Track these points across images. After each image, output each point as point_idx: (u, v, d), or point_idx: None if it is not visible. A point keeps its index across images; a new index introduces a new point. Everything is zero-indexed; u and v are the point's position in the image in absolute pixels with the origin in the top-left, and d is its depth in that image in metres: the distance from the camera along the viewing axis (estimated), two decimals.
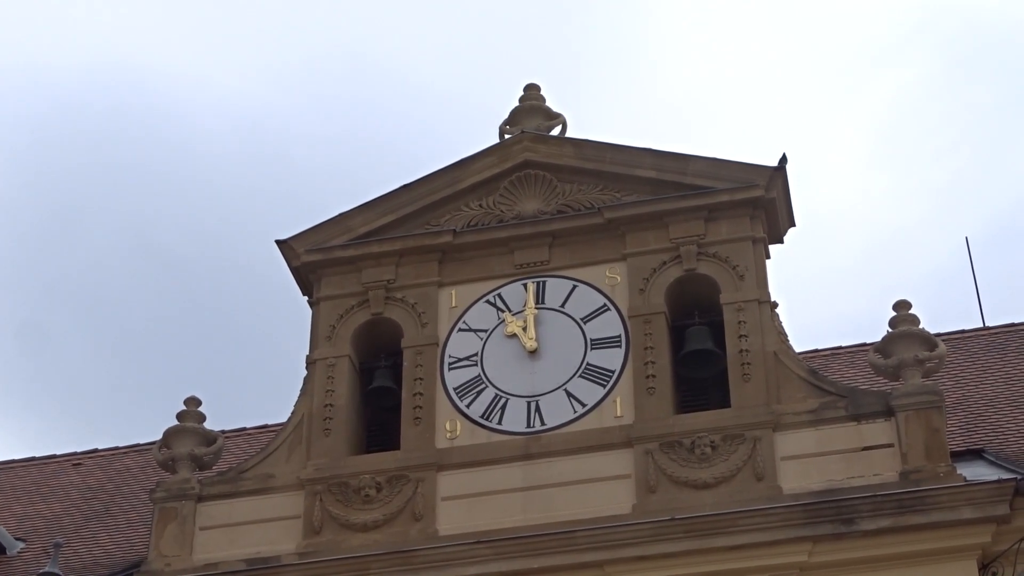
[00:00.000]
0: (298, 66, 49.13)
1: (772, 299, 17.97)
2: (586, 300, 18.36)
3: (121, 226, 45.03)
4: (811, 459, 16.79)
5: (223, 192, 46.11)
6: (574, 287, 18.47)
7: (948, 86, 48.57)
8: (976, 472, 16.78)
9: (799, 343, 18.43)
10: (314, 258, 19.08)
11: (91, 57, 47.21)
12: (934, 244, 45.07)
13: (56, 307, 44.83)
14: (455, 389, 18.12)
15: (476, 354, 18.32)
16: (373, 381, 18.74)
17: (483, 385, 18.09)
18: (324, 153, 47.40)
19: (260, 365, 42.12)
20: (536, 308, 18.39)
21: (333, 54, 48.68)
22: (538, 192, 19.06)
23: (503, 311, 18.49)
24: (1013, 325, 22.23)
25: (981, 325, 22.73)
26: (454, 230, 18.91)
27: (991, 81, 47.75)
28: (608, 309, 18.24)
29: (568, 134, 19.60)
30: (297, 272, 19.28)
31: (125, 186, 45.44)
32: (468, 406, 17.99)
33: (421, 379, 18.20)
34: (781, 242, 18.96)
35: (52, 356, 44.77)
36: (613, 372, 17.81)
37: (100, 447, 24.40)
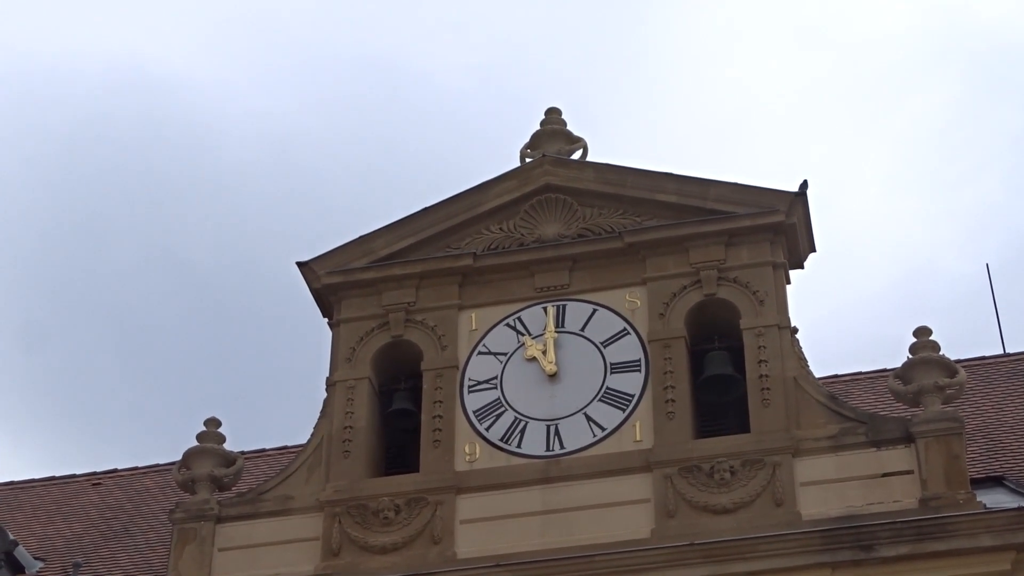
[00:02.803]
0: (323, 87, 49.35)
1: (792, 324, 17.97)
2: (606, 324, 18.36)
3: (145, 244, 45.20)
4: (830, 485, 16.76)
5: (247, 210, 46.23)
6: (594, 311, 18.48)
7: (973, 111, 48.55)
8: (996, 499, 16.75)
9: (819, 368, 18.45)
10: (335, 280, 19.11)
11: (118, 69, 47.37)
12: (955, 270, 44.99)
13: (77, 325, 44.98)
14: (474, 412, 18.13)
15: (496, 377, 18.33)
16: (392, 403, 18.75)
17: (502, 408, 18.10)
18: (346, 174, 47.51)
19: (280, 386, 42.14)
20: (556, 332, 18.40)
21: (357, 76, 48.91)
22: (559, 216, 19.08)
23: (523, 334, 18.50)
24: None
25: (1001, 352, 22.69)
26: (474, 253, 18.94)
27: (1017, 106, 47.70)
28: (628, 333, 18.24)
29: (589, 158, 19.62)
30: (318, 294, 19.31)
31: (150, 202, 45.61)
32: (487, 429, 17.99)
33: (440, 402, 18.22)
34: (801, 267, 18.95)
35: (72, 375, 44.92)
36: (633, 396, 17.81)
37: (120, 467, 24.45)
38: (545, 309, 18.61)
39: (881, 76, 49.61)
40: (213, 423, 18.77)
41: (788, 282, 18.47)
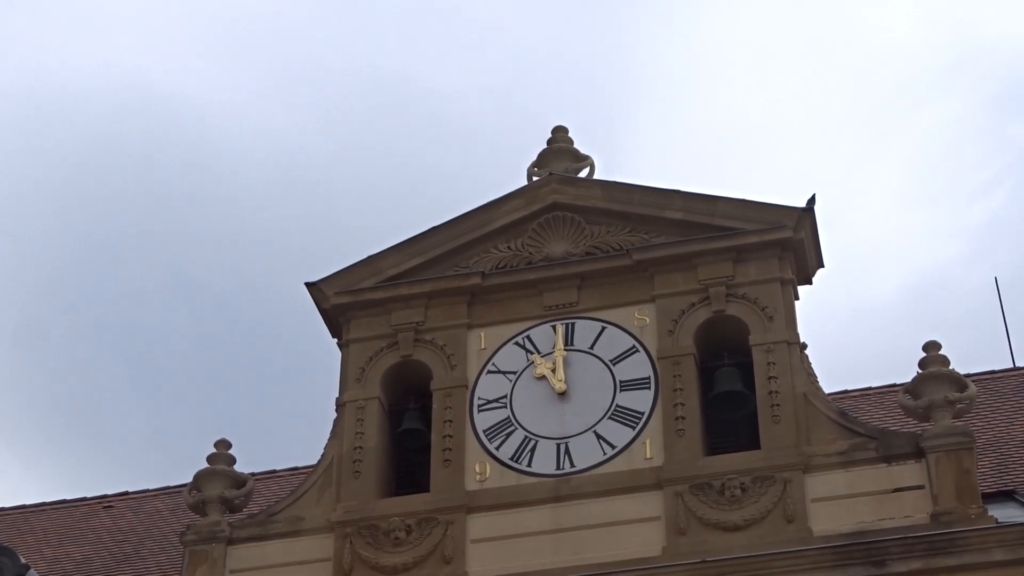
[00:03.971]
0: (331, 106, 49.43)
1: (801, 340, 17.96)
2: (615, 342, 18.36)
3: (154, 265, 45.27)
4: (841, 501, 16.74)
5: (257, 229, 46.30)
6: (603, 329, 18.48)
7: (983, 125, 48.54)
8: (1007, 514, 16.71)
9: (828, 384, 18.42)
10: (343, 300, 19.13)
11: (127, 89, 47.49)
12: (964, 284, 44.95)
13: (86, 347, 45.03)
14: (484, 431, 18.13)
15: (505, 396, 18.33)
16: (402, 423, 18.76)
17: (512, 427, 18.10)
18: (355, 193, 47.59)
19: (290, 407, 42.19)
20: (565, 350, 18.40)
21: (364, 95, 48.96)
22: (566, 234, 19.09)
23: (532, 353, 18.50)
24: None
25: (1011, 365, 22.66)
26: (483, 272, 18.95)
27: None
28: (637, 351, 18.24)
29: (596, 176, 19.65)
30: (327, 314, 19.33)
31: (159, 222, 45.72)
32: (498, 448, 17.99)
33: (450, 421, 18.22)
34: (810, 283, 18.95)
35: (82, 398, 44.97)
36: (642, 414, 17.80)
37: (130, 489, 24.46)
38: (554, 327, 18.62)
39: (891, 91, 49.74)
40: (223, 445, 18.78)
41: (797, 298, 18.47)
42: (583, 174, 19.66)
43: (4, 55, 50.51)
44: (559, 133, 20.15)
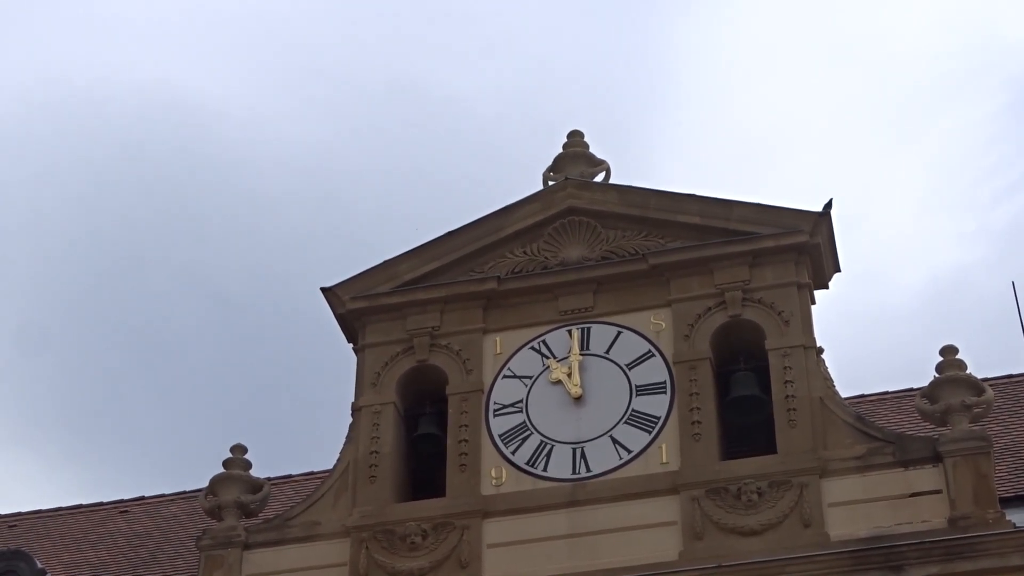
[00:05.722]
0: (349, 111, 49.41)
1: (818, 344, 17.93)
2: (631, 346, 18.34)
3: (173, 270, 45.30)
4: (858, 505, 16.71)
5: (274, 235, 46.32)
6: (619, 333, 18.46)
7: (1004, 130, 48.43)
8: None
9: (845, 388, 18.38)
10: (359, 305, 19.13)
11: (152, 98, 47.51)
12: (982, 288, 44.80)
13: (104, 353, 45.10)
14: (500, 436, 18.13)
15: (521, 401, 18.32)
16: (418, 428, 18.76)
17: (528, 432, 18.09)
18: (371, 198, 47.58)
19: (306, 412, 42.17)
20: (581, 354, 18.39)
21: (380, 100, 48.99)
22: (582, 238, 19.08)
23: (548, 358, 18.49)
24: None
25: None
26: (498, 277, 18.95)
27: None
28: (653, 355, 18.22)
29: (612, 180, 19.64)
30: (342, 319, 19.34)
31: (180, 229, 45.79)
32: (513, 453, 17.98)
33: (466, 426, 18.21)
34: (826, 287, 18.92)
35: (99, 403, 45.04)
36: (659, 418, 17.78)
37: (147, 494, 24.48)
38: (570, 332, 18.61)
39: (909, 94, 49.57)
40: (239, 449, 18.80)
41: (813, 302, 18.43)
42: (599, 178, 19.66)
43: (24, 59, 50.74)
44: (575, 137, 20.15)
